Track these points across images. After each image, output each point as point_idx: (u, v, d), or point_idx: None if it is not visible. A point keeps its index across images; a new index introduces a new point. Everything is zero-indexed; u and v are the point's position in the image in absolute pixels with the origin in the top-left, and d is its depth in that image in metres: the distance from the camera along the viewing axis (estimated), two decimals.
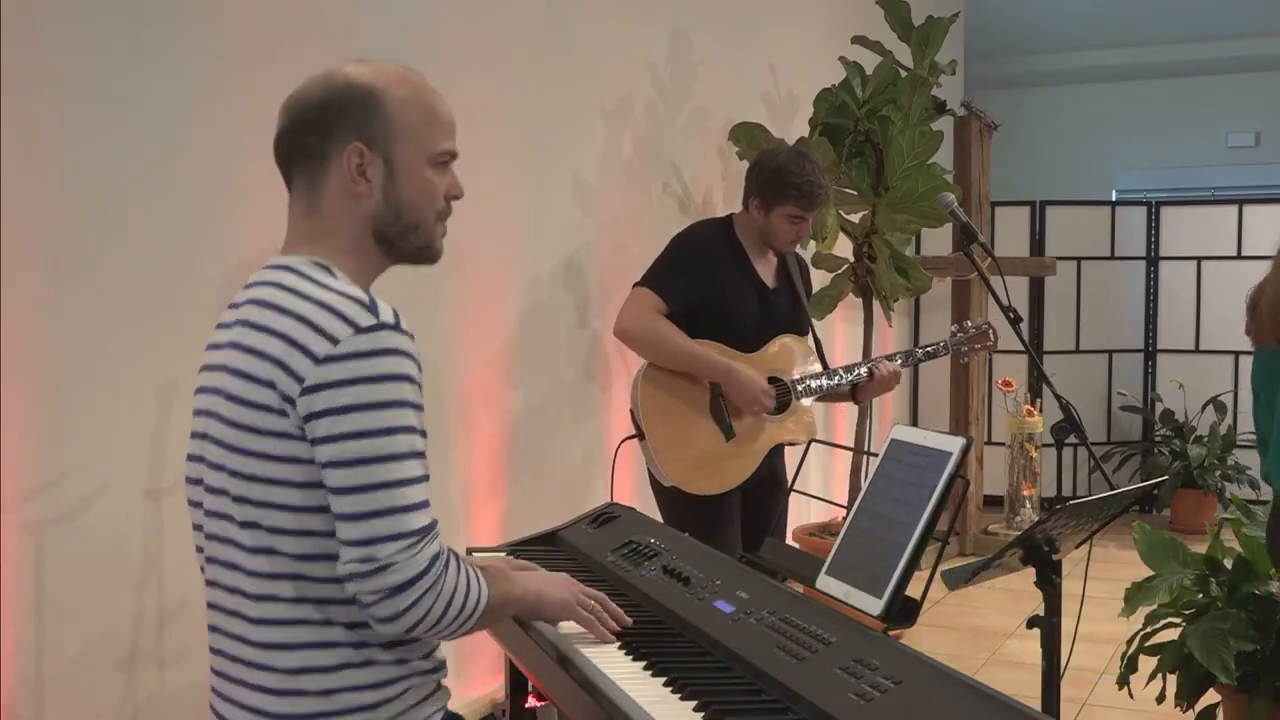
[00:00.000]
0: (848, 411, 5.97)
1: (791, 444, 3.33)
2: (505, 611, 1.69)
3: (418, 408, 1.47)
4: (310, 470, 1.45)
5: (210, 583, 1.56)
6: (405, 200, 1.57)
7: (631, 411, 3.22)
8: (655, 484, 3.25)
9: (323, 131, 1.55)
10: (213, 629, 1.57)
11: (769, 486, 3.28)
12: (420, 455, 1.47)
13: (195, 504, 1.58)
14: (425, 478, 1.48)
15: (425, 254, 1.63)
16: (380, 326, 1.45)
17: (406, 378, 1.46)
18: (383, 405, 1.43)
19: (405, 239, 1.59)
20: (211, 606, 1.56)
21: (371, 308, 1.46)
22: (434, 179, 1.60)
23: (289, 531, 1.47)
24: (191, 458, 1.59)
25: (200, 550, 1.58)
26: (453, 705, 1.67)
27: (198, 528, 1.58)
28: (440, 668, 1.62)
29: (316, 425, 1.43)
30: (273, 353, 1.45)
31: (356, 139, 1.54)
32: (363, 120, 1.54)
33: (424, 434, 1.49)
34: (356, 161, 1.54)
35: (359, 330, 1.44)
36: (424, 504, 1.47)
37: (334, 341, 1.43)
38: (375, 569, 1.42)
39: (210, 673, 1.59)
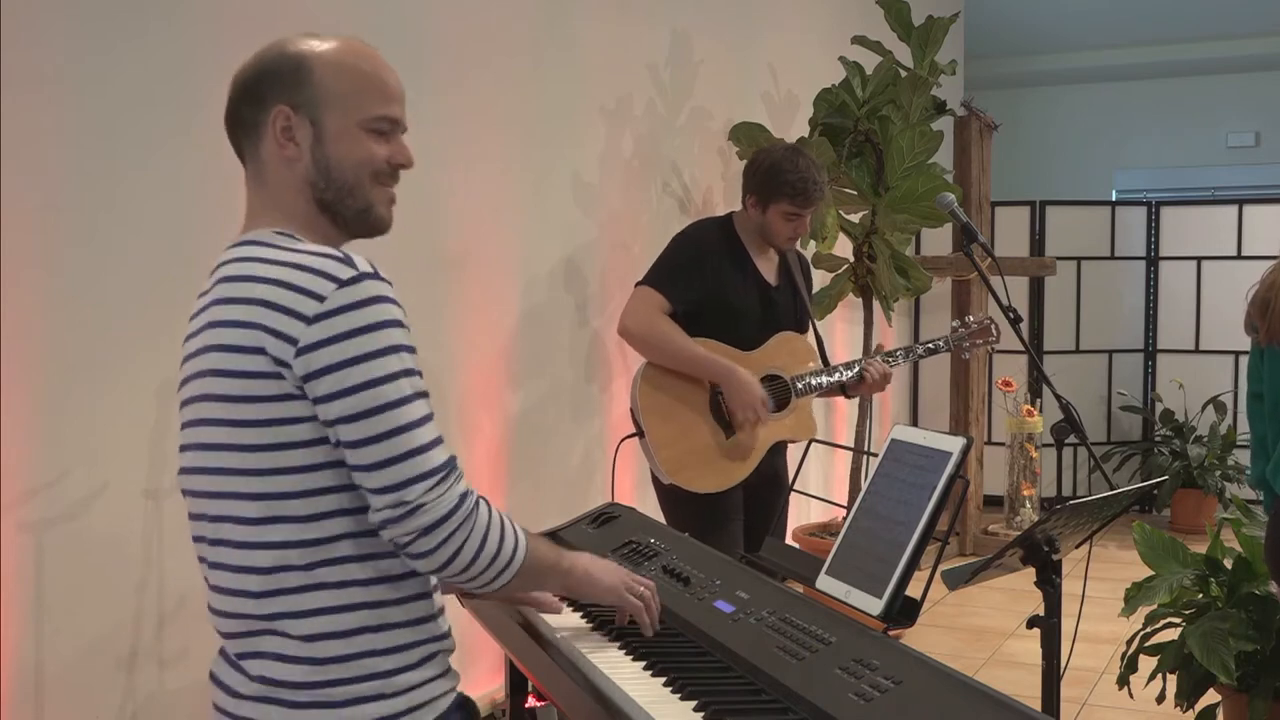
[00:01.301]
0: (848, 411, 5.97)
1: (791, 441, 3.33)
2: (549, 577, 1.70)
3: (412, 350, 1.49)
4: (313, 427, 1.45)
5: (215, 565, 1.54)
6: (333, 161, 1.56)
7: (631, 410, 3.22)
8: (656, 482, 3.25)
9: (256, 101, 1.57)
10: (219, 613, 1.55)
11: (771, 486, 3.28)
12: (424, 395, 1.49)
13: (192, 493, 1.57)
14: (432, 416, 1.49)
15: (366, 218, 1.60)
16: (361, 276, 1.45)
17: (396, 322, 1.47)
18: (381, 353, 1.44)
19: (342, 203, 1.58)
20: (216, 589, 1.55)
21: (347, 260, 1.47)
22: (369, 143, 1.58)
23: (298, 494, 1.47)
24: (184, 448, 1.58)
25: (201, 539, 1.57)
26: None
27: (196, 517, 1.57)
28: (448, 636, 1.61)
29: (318, 384, 1.43)
30: (257, 320, 1.45)
31: (283, 102, 1.55)
32: (291, 85, 1.56)
33: (421, 374, 1.50)
34: (283, 125, 1.55)
35: (341, 284, 1.44)
36: (438, 440, 1.49)
37: (319, 299, 1.43)
38: (407, 512, 1.44)
39: (219, 642, 1.58)
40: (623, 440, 3.32)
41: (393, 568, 1.51)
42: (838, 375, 3.32)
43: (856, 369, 3.34)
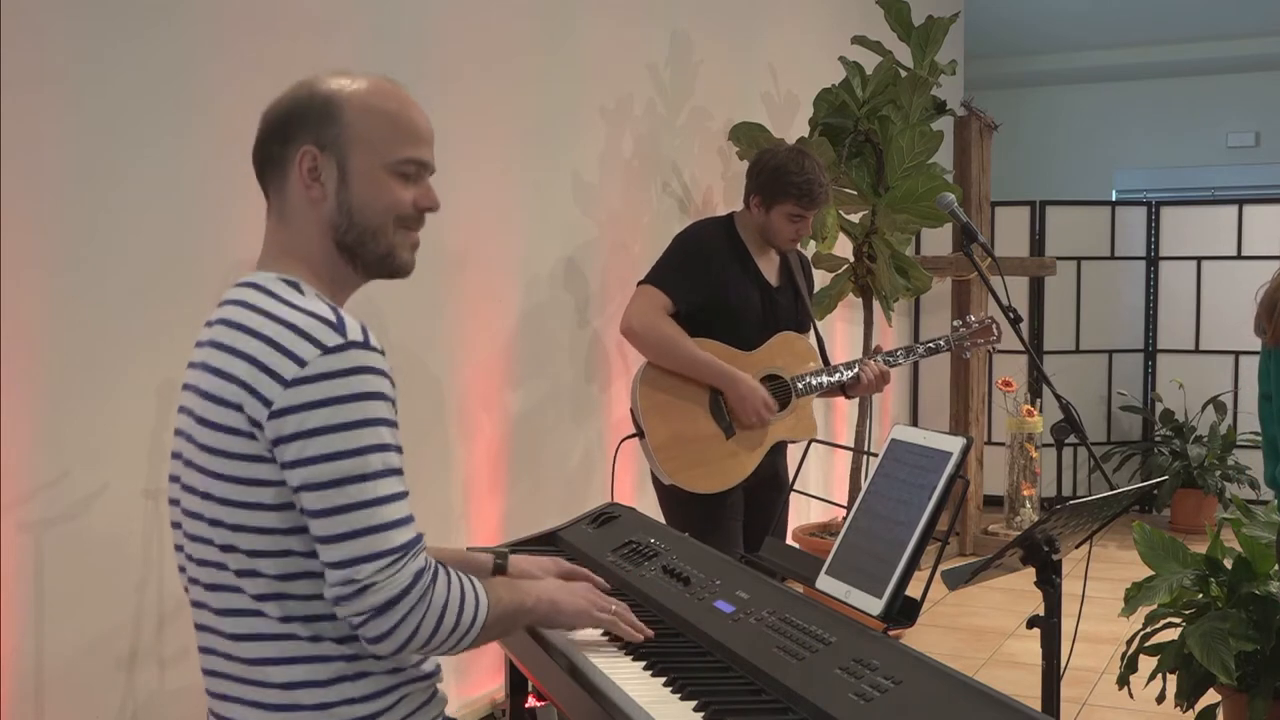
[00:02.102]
0: (848, 411, 5.97)
1: (792, 441, 3.33)
2: (517, 622, 1.67)
3: (391, 424, 1.45)
4: (282, 492, 1.43)
5: (196, 604, 1.54)
6: (357, 204, 1.53)
7: (631, 410, 3.22)
8: (657, 483, 3.25)
9: (283, 138, 1.54)
10: (203, 649, 1.55)
11: (771, 486, 3.28)
12: (396, 472, 1.45)
13: (176, 524, 1.57)
14: (403, 494, 1.45)
15: (388, 264, 1.58)
16: (348, 345, 1.42)
17: (378, 395, 1.43)
18: (353, 425, 1.41)
19: (364, 246, 1.55)
20: (200, 628, 1.55)
21: (338, 326, 1.43)
22: (395, 186, 1.55)
23: (268, 553, 1.45)
24: (171, 477, 1.58)
25: (183, 570, 1.56)
26: (453, 705, 1.67)
27: (179, 548, 1.57)
28: (435, 673, 1.61)
29: (286, 449, 1.41)
30: (239, 375, 1.44)
31: (310, 142, 1.53)
32: (318, 125, 1.53)
33: (399, 450, 1.46)
34: (309, 165, 1.53)
35: (326, 350, 1.41)
36: (404, 520, 1.45)
37: (301, 364, 1.41)
38: (357, 590, 1.41)
39: (205, 691, 1.58)
40: (623, 440, 3.32)
41: None
42: (838, 375, 3.32)
43: (856, 369, 3.34)
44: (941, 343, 3.52)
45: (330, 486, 1.40)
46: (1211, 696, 3.35)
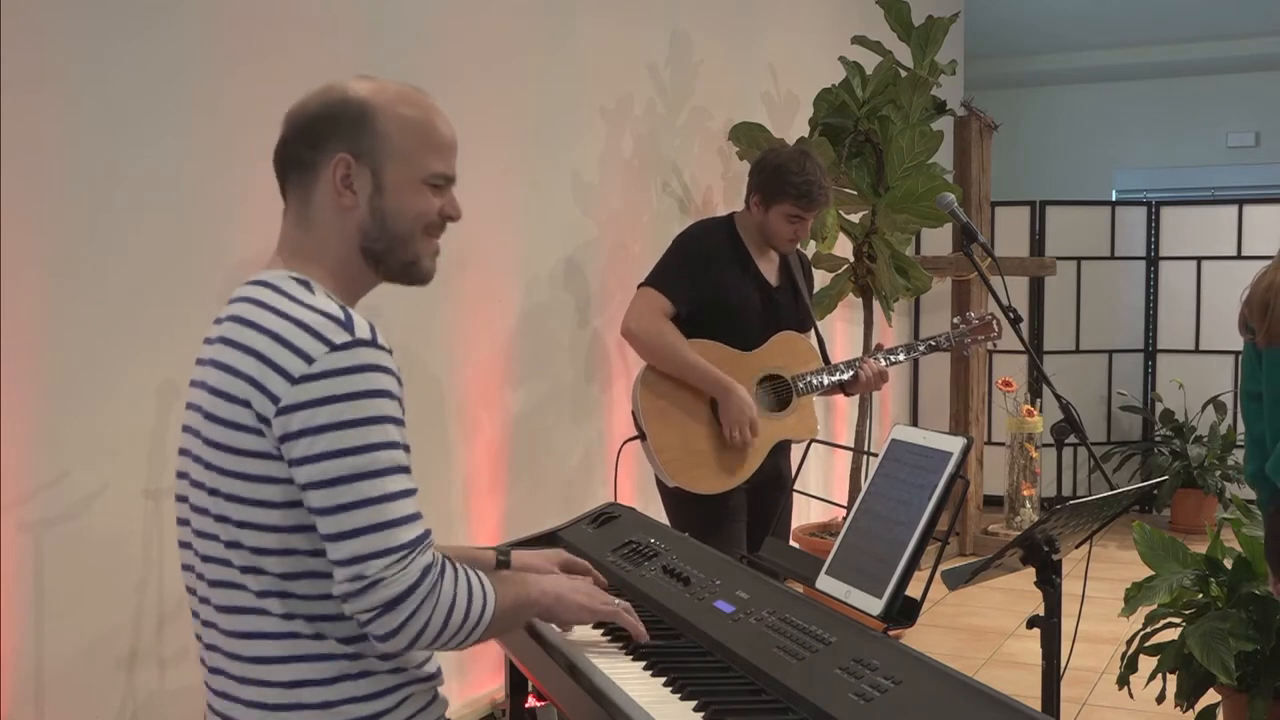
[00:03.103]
0: (848, 412, 5.97)
1: (794, 441, 3.33)
2: (521, 616, 1.67)
3: (398, 422, 1.45)
4: (289, 490, 1.44)
5: (201, 600, 1.54)
6: (390, 214, 1.55)
7: (633, 413, 3.22)
8: (660, 484, 3.25)
9: (313, 143, 1.54)
10: (206, 646, 1.55)
11: (773, 486, 3.28)
12: (404, 469, 1.46)
13: (183, 521, 1.57)
14: (411, 491, 1.46)
15: (412, 271, 1.60)
16: (355, 343, 1.43)
17: (384, 393, 1.44)
18: (360, 423, 1.41)
19: (391, 254, 1.57)
20: (204, 624, 1.55)
21: (346, 324, 1.44)
22: (426, 196, 1.57)
23: (272, 551, 1.46)
24: (179, 474, 1.58)
25: (189, 568, 1.57)
26: (453, 706, 1.68)
27: (185, 545, 1.57)
28: (437, 675, 1.61)
29: (294, 446, 1.41)
30: (248, 371, 1.44)
31: (344, 150, 1.53)
32: (353, 133, 1.53)
33: (407, 448, 1.47)
34: (342, 173, 1.53)
35: (334, 348, 1.42)
36: (412, 517, 1.45)
37: (309, 360, 1.41)
38: (365, 586, 1.41)
39: (205, 688, 1.58)
40: (625, 443, 3.32)
41: None
42: (839, 374, 3.32)
43: (848, 371, 3.34)
44: (941, 340, 3.52)
45: (338, 483, 1.41)
46: (1211, 696, 3.35)
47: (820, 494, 5.16)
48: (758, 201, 3.27)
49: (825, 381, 3.30)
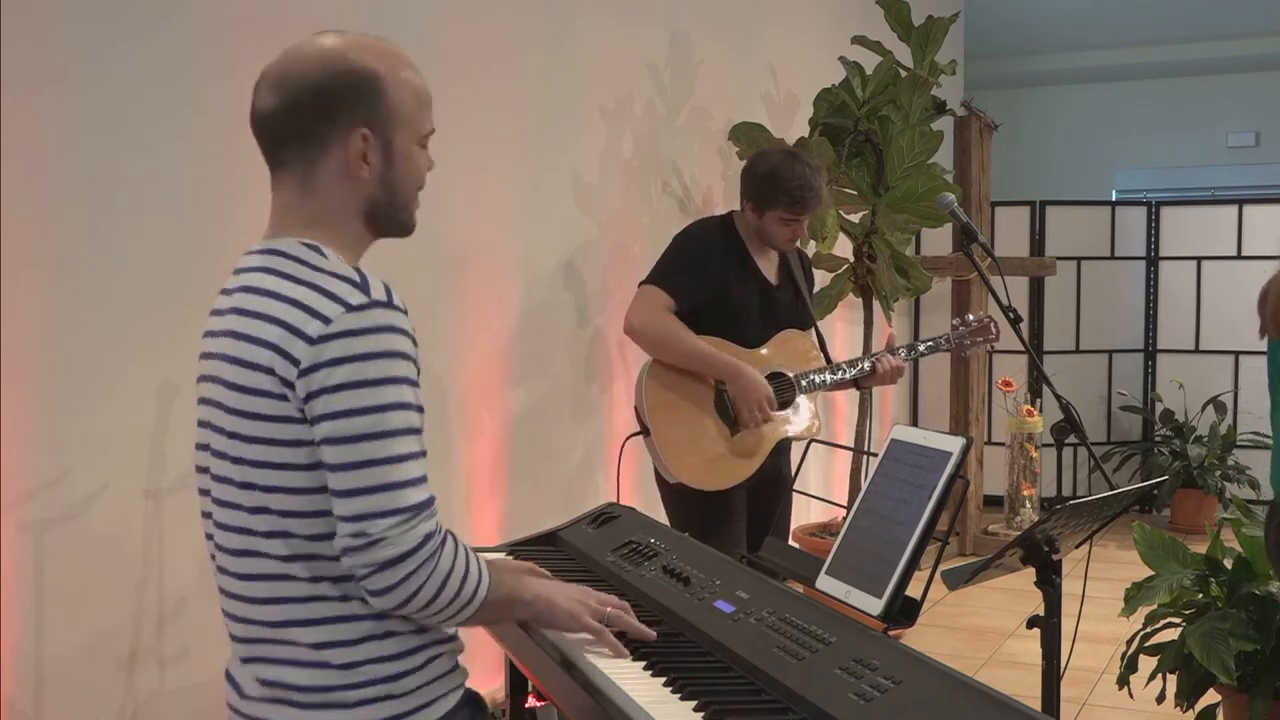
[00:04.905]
0: (848, 411, 5.98)
1: (796, 440, 3.33)
2: (512, 610, 1.68)
3: (413, 384, 1.47)
4: (314, 451, 1.46)
5: (221, 569, 1.56)
6: (398, 182, 1.58)
7: (636, 408, 3.22)
8: (661, 481, 3.25)
9: (328, 117, 1.53)
10: (229, 616, 1.57)
11: (774, 485, 3.28)
12: (416, 431, 1.47)
13: (204, 491, 1.59)
14: (421, 454, 1.48)
15: (404, 226, 1.63)
16: (372, 304, 1.45)
17: (399, 354, 1.45)
18: (375, 382, 1.43)
19: (395, 216, 1.60)
20: (225, 593, 1.57)
21: (363, 285, 1.46)
22: (421, 159, 1.61)
23: (299, 514, 1.48)
24: (199, 446, 1.59)
25: (210, 537, 1.58)
26: None
27: (207, 515, 1.59)
28: (456, 639, 1.62)
29: (314, 405, 1.43)
30: (268, 338, 1.46)
31: (363, 125, 1.54)
32: (369, 107, 1.54)
33: (420, 410, 1.49)
34: (362, 148, 1.54)
35: (350, 309, 1.44)
36: (419, 480, 1.47)
37: (326, 321, 1.43)
38: (367, 543, 1.43)
39: (229, 640, 1.59)
40: (628, 438, 3.32)
41: None
42: (840, 374, 3.32)
43: (860, 366, 3.34)
44: (941, 341, 3.52)
45: (350, 441, 1.43)
46: (1211, 696, 3.35)
47: (820, 494, 5.16)
48: (751, 207, 3.27)
49: (827, 380, 3.30)
